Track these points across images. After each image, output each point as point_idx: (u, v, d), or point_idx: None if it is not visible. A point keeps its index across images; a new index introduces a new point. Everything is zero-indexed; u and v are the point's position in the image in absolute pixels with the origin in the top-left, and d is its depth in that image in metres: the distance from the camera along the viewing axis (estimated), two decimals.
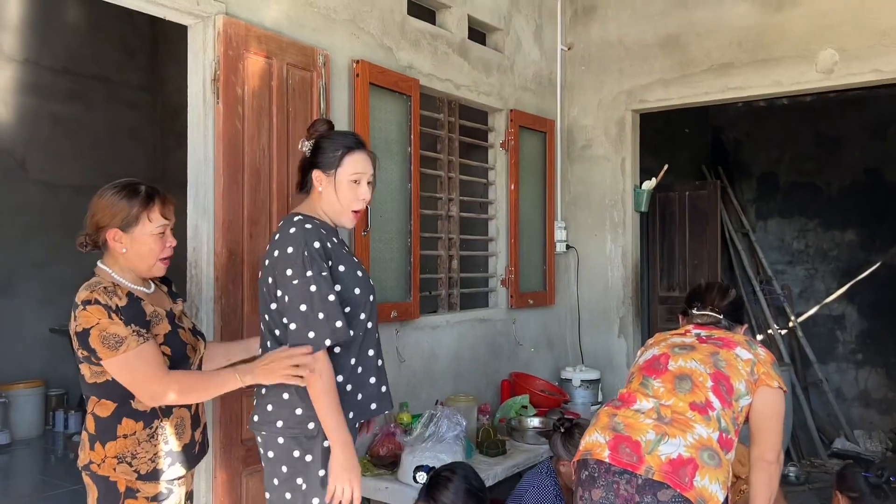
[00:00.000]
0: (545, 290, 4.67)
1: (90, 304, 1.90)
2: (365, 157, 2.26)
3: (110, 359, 1.89)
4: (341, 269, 2.18)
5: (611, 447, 2.14)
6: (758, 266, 6.81)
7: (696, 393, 2.18)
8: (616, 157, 4.78)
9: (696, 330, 2.43)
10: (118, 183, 2.04)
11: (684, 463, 2.05)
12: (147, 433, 1.99)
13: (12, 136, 6.26)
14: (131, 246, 2.01)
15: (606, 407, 2.31)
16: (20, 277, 6.20)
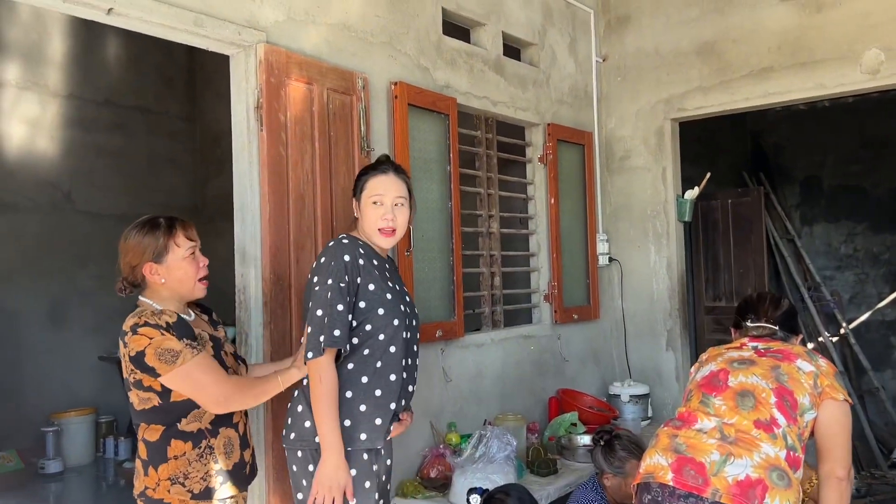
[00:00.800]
0: (589, 305, 4.61)
1: (140, 326, 1.98)
2: (385, 178, 2.33)
3: (169, 373, 1.95)
4: (370, 287, 2.25)
5: (674, 469, 2.07)
6: (805, 272, 6.66)
7: (760, 410, 2.11)
8: (656, 166, 4.72)
9: (753, 343, 2.36)
10: (137, 223, 2.13)
11: (753, 484, 1.98)
12: (196, 453, 2.04)
13: (59, 169, 6.40)
14: (168, 274, 2.09)
15: (666, 427, 2.24)
16: (70, 307, 6.32)
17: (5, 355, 5.95)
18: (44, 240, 6.24)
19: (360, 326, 2.23)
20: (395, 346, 2.26)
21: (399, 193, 2.33)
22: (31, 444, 5.88)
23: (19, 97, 6.14)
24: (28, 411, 6.00)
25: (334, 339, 2.17)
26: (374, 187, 2.32)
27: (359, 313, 2.23)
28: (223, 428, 2.11)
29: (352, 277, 2.21)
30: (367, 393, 2.23)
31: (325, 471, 2.14)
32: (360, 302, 2.23)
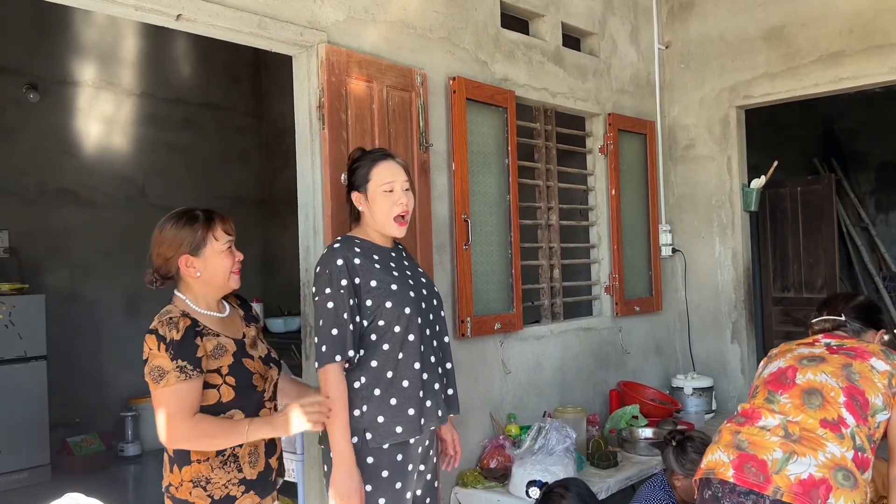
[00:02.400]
0: (651, 296, 4.56)
1: (151, 332, 1.96)
2: (392, 164, 2.35)
3: (153, 391, 1.93)
4: (372, 284, 2.25)
5: (735, 466, 2.04)
6: (880, 261, 6.41)
7: (828, 409, 2.06)
8: (721, 155, 4.62)
9: (826, 339, 2.29)
10: (173, 214, 2.08)
11: (816, 484, 1.94)
12: (220, 460, 2.01)
13: (133, 165, 6.68)
14: (204, 267, 2.04)
15: (729, 424, 2.20)
16: (144, 298, 6.59)
17: (87, 343, 6.27)
18: (120, 233, 6.52)
19: (373, 324, 2.24)
20: (412, 335, 2.26)
21: (405, 178, 2.35)
22: (111, 427, 6.19)
23: (96, 96, 6.42)
24: (108, 397, 6.32)
25: (341, 350, 2.18)
26: (382, 175, 2.31)
27: (367, 312, 2.23)
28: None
29: (350, 280, 2.22)
30: (395, 386, 2.24)
31: (338, 479, 2.16)
32: (367, 300, 2.23)
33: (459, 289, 3.34)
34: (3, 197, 5.81)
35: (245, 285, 2.22)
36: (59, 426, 5.79)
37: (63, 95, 6.20)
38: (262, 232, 7.46)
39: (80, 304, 6.22)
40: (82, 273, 6.26)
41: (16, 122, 5.90)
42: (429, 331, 2.35)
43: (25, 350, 5.44)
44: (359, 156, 2.41)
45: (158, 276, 2.07)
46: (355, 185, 2.36)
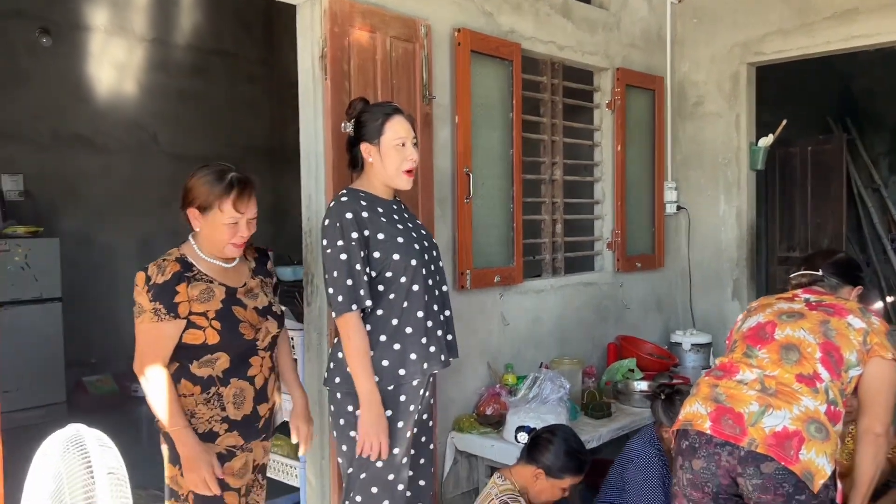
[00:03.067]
0: (654, 253, 4.60)
1: (142, 269, 2.10)
2: (403, 120, 2.41)
3: (135, 322, 2.08)
4: (380, 237, 2.33)
5: (712, 419, 2.10)
6: (889, 224, 6.38)
7: (804, 364, 2.10)
8: (730, 113, 4.59)
9: (806, 295, 2.33)
10: (211, 167, 2.15)
11: (790, 436, 2.00)
12: (204, 397, 2.12)
13: (145, 112, 6.72)
14: (204, 227, 2.13)
15: (707, 377, 2.25)
16: (158, 243, 6.68)
17: (102, 286, 6.41)
18: (132, 179, 6.60)
19: (381, 275, 2.33)
20: (417, 285, 2.36)
21: (413, 134, 2.43)
22: (125, 369, 6.33)
23: (107, 42, 6.43)
24: (122, 339, 6.42)
25: (361, 299, 2.27)
26: (396, 130, 2.38)
27: (375, 263, 2.32)
28: (235, 379, 2.16)
29: (360, 233, 2.30)
30: (399, 333, 2.34)
31: (369, 420, 2.28)
32: (375, 252, 2.32)
33: (460, 242, 3.39)
34: (18, 142, 5.89)
35: (256, 234, 2.27)
36: (75, 366, 5.97)
37: (75, 40, 6.22)
38: (273, 181, 7.50)
39: (94, 248, 6.35)
40: (96, 217, 6.36)
41: (29, 67, 5.94)
42: (430, 281, 2.43)
43: (41, 292, 5.59)
44: (363, 107, 2.45)
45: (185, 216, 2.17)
46: (365, 137, 2.40)
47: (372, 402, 2.28)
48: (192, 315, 2.10)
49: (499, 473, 2.71)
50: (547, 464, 2.61)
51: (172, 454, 2.13)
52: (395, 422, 2.37)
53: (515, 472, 2.68)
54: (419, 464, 2.54)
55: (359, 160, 2.45)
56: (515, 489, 2.61)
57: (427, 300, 2.39)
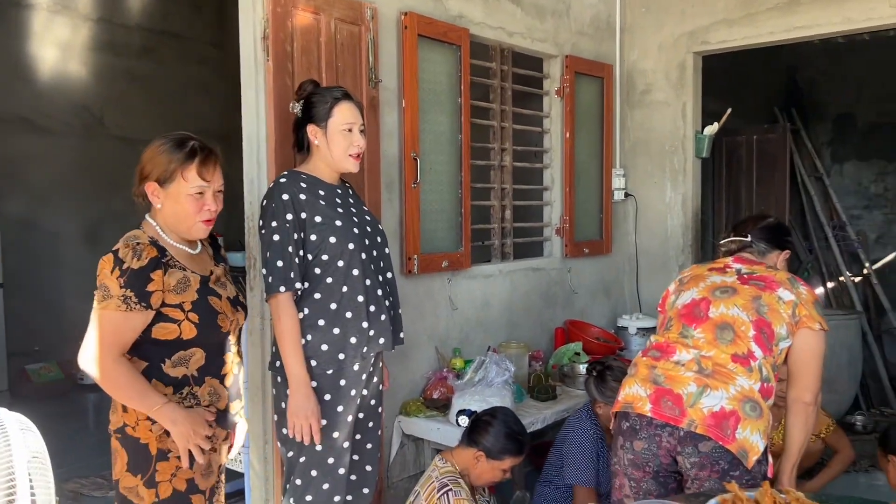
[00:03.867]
0: (601, 239, 4.66)
1: (111, 253, 1.89)
2: (352, 106, 2.43)
3: (96, 306, 1.88)
4: (317, 219, 2.33)
5: (652, 401, 2.13)
6: (831, 211, 6.57)
7: (738, 344, 2.14)
8: (677, 101, 4.67)
9: (737, 264, 2.33)
10: (169, 136, 1.99)
11: (727, 416, 2.04)
12: (178, 398, 1.96)
13: (91, 94, 6.55)
14: (166, 202, 1.95)
15: (644, 357, 2.28)
16: (105, 229, 6.55)
17: (46, 273, 6.25)
18: (78, 163, 6.44)
19: (317, 258, 2.34)
20: (356, 270, 2.36)
21: (362, 121, 2.45)
22: (70, 356, 6.21)
23: (51, 20, 6.25)
24: (68, 326, 6.29)
25: (290, 281, 2.28)
26: (344, 115, 2.39)
27: (311, 246, 2.33)
28: (209, 377, 2.03)
29: (295, 215, 2.30)
30: (339, 317, 2.35)
31: (296, 402, 2.29)
32: (311, 235, 2.33)
33: (407, 226, 3.39)
34: None
35: None
36: (18, 354, 5.82)
37: (17, 18, 6.02)
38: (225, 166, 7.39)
39: (38, 234, 6.18)
40: (39, 202, 6.20)
41: None
42: (373, 266, 2.43)
43: None
44: (313, 89, 2.46)
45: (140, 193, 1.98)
46: (313, 119, 2.41)
47: (300, 384, 2.29)
48: (164, 307, 1.92)
49: (440, 456, 2.73)
50: (487, 446, 2.64)
51: (133, 461, 1.94)
52: (335, 406, 2.37)
53: (457, 454, 2.71)
54: (366, 449, 2.55)
55: (305, 142, 2.45)
56: (456, 471, 2.64)
57: (369, 285, 2.40)
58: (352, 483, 2.51)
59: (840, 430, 3.50)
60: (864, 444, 4.85)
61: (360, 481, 2.54)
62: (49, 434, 1.62)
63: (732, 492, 1.53)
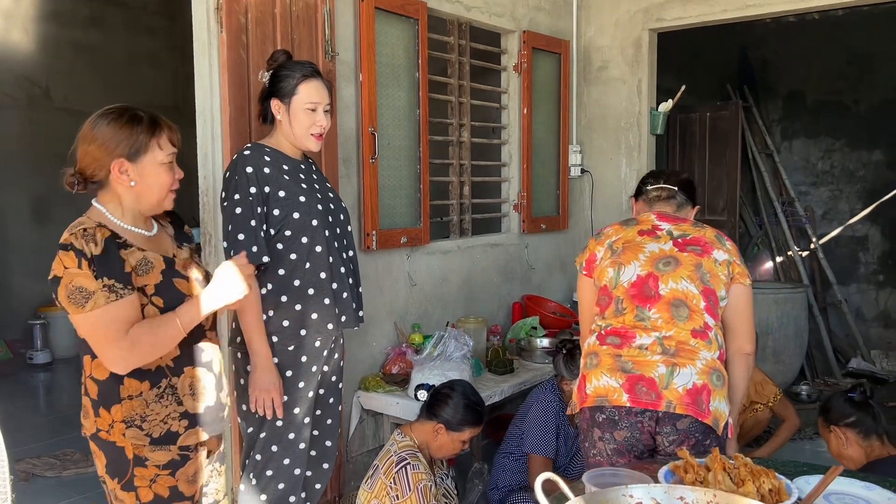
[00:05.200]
0: (558, 215, 4.71)
1: (64, 248, 1.69)
2: (320, 85, 2.37)
3: (76, 315, 1.69)
4: (280, 194, 2.30)
5: (627, 390, 2.10)
6: (781, 187, 6.73)
7: (694, 318, 2.15)
8: (632, 78, 4.71)
9: (665, 223, 2.30)
10: (111, 110, 1.80)
11: (699, 391, 2.07)
12: (155, 393, 1.78)
13: (35, 65, 6.34)
14: (140, 178, 1.78)
15: (604, 346, 2.20)
16: (53, 204, 6.38)
17: None
18: (23, 137, 6.25)
19: (280, 233, 2.31)
20: (319, 246, 2.35)
21: (328, 100, 2.40)
22: (19, 335, 6.09)
23: None
24: (16, 305, 6.19)
25: (253, 255, 2.22)
26: (310, 93, 2.34)
27: (275, 221, 2.30)
28: (188, 367, 1.84)
29: (259, 188, 2.27)
30: (301, 293, 2.34)
31: (258, 376, 2.29)
32: (274, 210, 2.30)
33: (365, 202, 3.37)
34: None
35: None
36: None
37: None
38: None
39: None
40: None
41: None
42: (336, 243, 2.42)
43: None
44: (284, 60, 2.39)
45: (81, 179, 1.77)
46: (277, 93, 2.36)
47: (262, 358, 2.28)
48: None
49: (399, 430, 2.75)
50: (447, 418, 2.67)
51: (111, 463, 1.80)
52: (296, 382, 2.37)
53: (416, 428, 2.73)
54: (326, 424, 2.55)
55: (269, 115, 2.41)
56: (415, 445, 2.66)
57: (332, 262, 2.38)
58: (312, 458, 2.51)
59: (786, 400, 3.63)
60: (809, 413, 5.03)
61: (320, 456, 2.55)
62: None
63: (684, 458, 1.58)
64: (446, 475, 2.83)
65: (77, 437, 4.23)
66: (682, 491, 1.39)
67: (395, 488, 2.52)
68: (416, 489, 2.50)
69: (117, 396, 1.76)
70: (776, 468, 1.54)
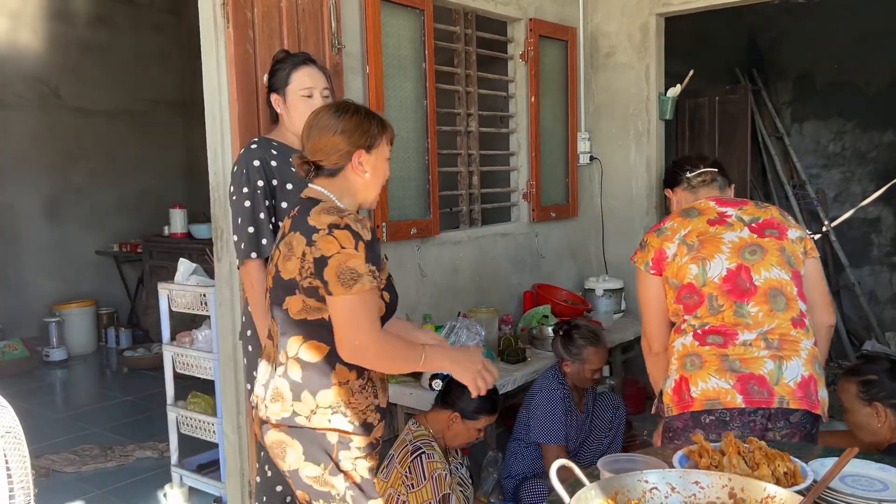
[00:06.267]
0: (568, 203, 4.70)
1: (339, 228, 1.69)
2: (313, 70, 2.39)
3: (341, 295, 1.68)
4: (288, 186, 2.32)
5: (741, 391, 2.01)
6: (791, 170, 6.68)
7: (791, 307, 2.09)
8: (640, 64, 4.68)
9: (729, 209, 2.22)
10: (349, 103, 1.87)
11: (808, 382, 2.01)
12: (360, 383, 1.80)
13: (45, 64, 6.37)
14: (373, 170, 1.84)
15: (706, 346, 2.09)
16: (65, 203, 6.44)
17: (6, 249, 6.13)
18: (34, 136, 6.29)
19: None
20: None
21: (325, 85, 2.40)
22: (35, 333, 6.15)
23: None
24: (31, 303, 6.25)
25: (263, 248, 2.25)
26: (302, 80, 2.36)
27: (282, 213, 2.32)
28: None
29: (266, 181, 2.29)
30: None
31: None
32: (282, 202, 2.32)
33: None
34: None
35: (169, 191, 2.18)
36: None
37: None
38: (185, 135, 7.27)
39: None
40: None
41: None
42: None
43: None
44: (282, 57, 2.44)
45: (315, 166, 1.82)
46: (274, 87, 2.39)
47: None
48: None
49: (413, 420, 2.77)
50: (462, 406, 2.68)
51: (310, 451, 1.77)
52: None
53: (430, 417, 2.75)
54: None
55: (273, 113, 2.45)
56: (430, 434, 2.68)
57: None
58: None
59: None
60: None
61: None
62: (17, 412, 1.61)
63: (699, 443, 1.58)
64: (461, 464, 2.85)
65: (95, 432, 4.31)
66: (697, 475, 1.39)
67: (410, 477, 2.54)
68: (431, 478, 2.52)
69: (329, 381, 1.76)
70: (790, 451, 1.54)
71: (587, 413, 3.30)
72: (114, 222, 6.73)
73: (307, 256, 1.70)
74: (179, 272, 3.45)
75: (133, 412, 4.75)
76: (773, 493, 1.31)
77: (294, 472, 1.79)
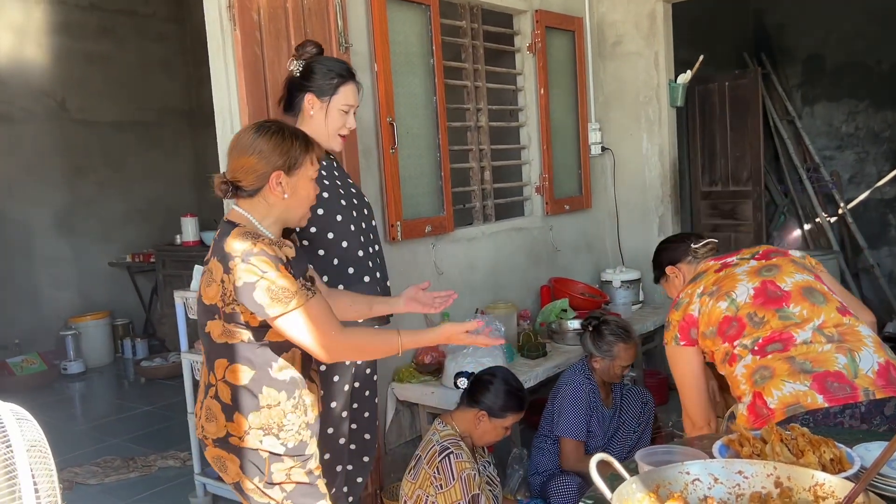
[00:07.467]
0: (581, 195, 4.65)
1: (255, 255, 1.71)
2: (356, 88, 2.38)
3: (284, 314, 1.71)
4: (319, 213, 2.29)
5: (819, 390, 1.86)
6: (805, 153, 6.62)
7: (830, 299, 2.03)
8: (649, 51, 4.63)
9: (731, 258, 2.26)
10: (270, 123, 1.86)
11: (886, 367, 1.90)
12: (291, 404, 1.83)
13: (50, 78, 6.37)
14: (293, 191, 1.83)
15: (769, 356, 1.98)
16: (75, 215, 6.44)
17: (20, 264, 6.14)
18: (42, 150, 6.29)
19: (306, 230, 2.28)
20: (346, 241, 2.34)
21: (358, 103, 2.41)
22: (52, 347, 6.15)
23: (2, 4, 6.04)
24: (46, 317, 6.26)
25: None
26: (348, 96, 2.34)
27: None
28: (308, 381, 1.93)
29: None
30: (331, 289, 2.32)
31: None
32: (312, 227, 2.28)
33: (388, 193, 3.35)
34: None
35: (179, 199, 2.15)
36: None
37: None
38: (193, 143, 7.27)
39: (6, 224, 6.06)
40: (5, 192, 6.06)
41: None
42: (362, 238, 2.41)
43: None
44: (317, 53, 2.37)
45: (232, 187, 1.82)
46: (314, 89, 2.32)
47: None
48: None
49: (440, 420, 2.74)
50: (489, 404, 2.65)
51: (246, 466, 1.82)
52: (331, 376, 2.36)
53: (457, 416, 2.72)
54: (363, 417, 2.54)
55: (297, 106, 2.37)
56: (457, 434, 2.64)
57: (361, 256, 2.38)
58: (352, 452, 2.51)
59: None
60: None
61: (359, 450, 2.54)
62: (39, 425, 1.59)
63: (738, 431, 1.54)
64: (488, 463, 2.81)
65: (116, 443, 4.30)
66: (740, 465, 1.35)
67: (438, 478, 2.51)
68: (459, 478, 2.49)
69: (257, 404, 1.80)
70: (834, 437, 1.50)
71: (615, 408, 3.26)
72: (125, 233, 6.73)
73: (226, 284, 1.74)
74: (195, 279, 3.43)
75: (153, 422, 4.74)
76: (822, 481, 1.26)
77: (236, 484, 1.87)
